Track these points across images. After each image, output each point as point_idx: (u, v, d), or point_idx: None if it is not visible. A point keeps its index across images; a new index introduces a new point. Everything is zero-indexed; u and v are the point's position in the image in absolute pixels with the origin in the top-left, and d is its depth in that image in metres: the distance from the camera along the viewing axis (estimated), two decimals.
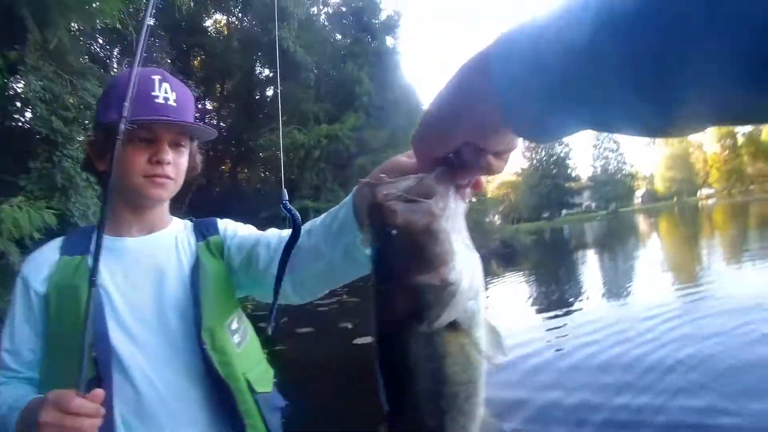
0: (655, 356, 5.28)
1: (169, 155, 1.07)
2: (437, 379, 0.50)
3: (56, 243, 1.16)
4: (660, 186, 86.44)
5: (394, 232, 0.50)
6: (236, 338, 1.13)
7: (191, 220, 1.26)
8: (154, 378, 1.04)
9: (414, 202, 0.51)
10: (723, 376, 4.54)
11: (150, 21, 1.11)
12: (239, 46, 20.38)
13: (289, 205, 1.01)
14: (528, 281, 15.12)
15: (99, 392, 0.90)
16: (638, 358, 5.33)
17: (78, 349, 0.92)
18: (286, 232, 1.07)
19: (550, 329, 7.47)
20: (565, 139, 75.27)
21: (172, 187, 1.12)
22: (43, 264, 1.11)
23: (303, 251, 1.00)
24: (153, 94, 1.05)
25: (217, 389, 1.07)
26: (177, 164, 1.11)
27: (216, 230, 1.22)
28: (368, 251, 0.57)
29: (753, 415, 3.71)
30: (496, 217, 60.22)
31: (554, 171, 71.26)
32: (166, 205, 1.22)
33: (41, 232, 5.30)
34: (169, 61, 13.72)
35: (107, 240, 1.02)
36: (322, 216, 1.02)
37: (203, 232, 1.21)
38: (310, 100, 18.84)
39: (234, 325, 1.15)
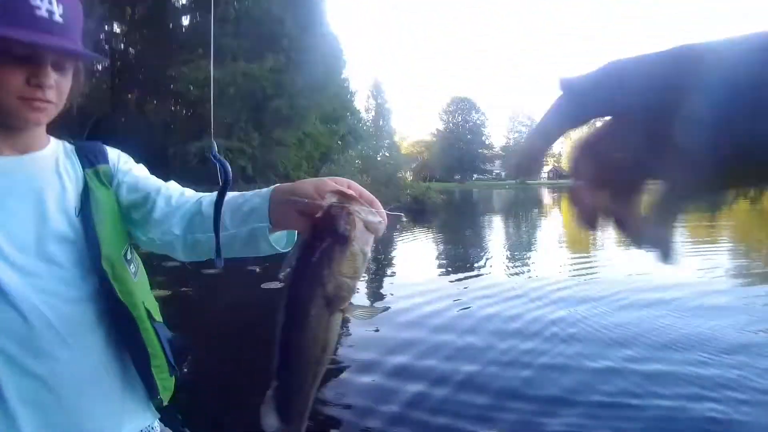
0: (540, 313, 5.99)
1: (51, 78, 0.92)
2: (322, 345, 0.69)
3: None
4: (566, 165, 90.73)
5: (347, 237, 0.66)
6: (132, 268, 1.06)
7: (71, 142, 1.10)
8: (43, 308, 0.94)
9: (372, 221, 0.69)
10: (594, 331, 5.40)
11: None
12: None
13: (219, 156, 0.96)
14: (435, 239, 15.43)
15: None
16: (528, 314, 5.97)
17: None
18: (189, 193, 1.08)
19: (455, 287, 7.64)
20: (482, 107, 77.77)
21: (53, 111, 0.98)
22: None
23: (206, 217, 0.98)
24: (34, 4, 0.88)
25: (119, 319, 1.02)
26: (59, 87, 0.96)
27: (105, 159, 1.10)
28: (277, 241, 0.83)
29: (612, 360, 4.53)
30: (408, 173, 61.50)
31: (469, 137, 73.53)
32: (44, 125, 1.06)
33: None
34: None
35: None
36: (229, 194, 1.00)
37: (90, 158, 1.08)
38: (229, 35, 17.92)
39: (128, 255, 1.07)
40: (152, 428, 1.13)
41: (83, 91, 1.08)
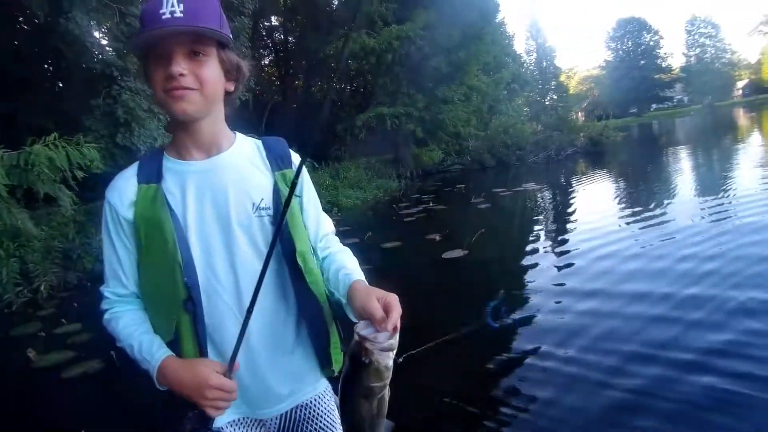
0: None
1: (178, 66, 1.01)
2: (371, 417, 0.97)
3: (132, 170, 1.15)
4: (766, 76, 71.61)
5: (367, 364, 0.92)
6: (316, 259, 1.22)
7: (260, 138, 1.24)
8: (242, 299, 1.10)
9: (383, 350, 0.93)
10: None
11: None
12: None
13: None
14: (617, 181, 14.20)
15: (236, 365, 1.05)
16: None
17: (170, 275, 1.07)
18: (332, 244, 1.29)
19: (638, 230, 7.22)
20: (654, 24, 66.31)
21: (196, 98, 1.05)
22: (125, 191, 1.12)
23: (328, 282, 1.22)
24: (160, 11, 0.99)
25: (309, 309, 1.17)
26: (197, 74, 1.03)
27: (290, 163, 1.20)
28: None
29: None
30: (580, 113, 55.93)
31: (642, 62, 63.69)
32: (221, 122, 1.17)
33: (86, 170, 4.58)
34: None
35: (172, 163, 1.13)
36: (341, 264, 1.19)
37: (278, 161, 1.19)
38: (375, 0, 16.93)
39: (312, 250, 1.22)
40: (324, 393, 1.32)
41: (244, 82, 1.16)
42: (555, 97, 42.96)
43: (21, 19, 10.78)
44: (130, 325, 1.14)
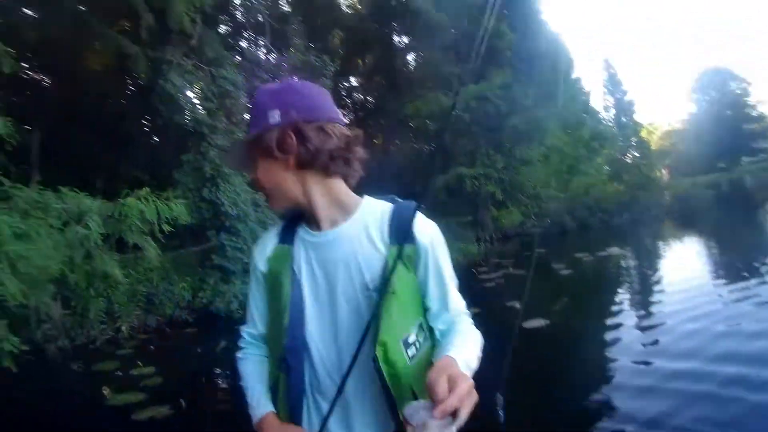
0: None
1: (252, 177, 1.19)
2: None
3: (276, 230, 1.24)
4: None
5: None
6: (410, 351, 1.10)
7: (394, 203, 1.19)
8: (338, 359, 1.13)
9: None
10: None
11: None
12: (373, 16, 19.15)
13: None
14: (708, 245, 13.30)
15: None
16: None
17: (277, 330, 1.16)
18: (465, 327, 1.20)
19: (731, 302, 6.59)
20: (741, 73, 62.49)
21: (273, 194, 1.17)
22: (265, 247, 1.22)
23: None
24: None
25: (383, 397, 1.08)
26: (259, 179, 1.16)
27: (413, 239, 1.13)
28: None
29: None
30: (664, 171, 53.19)
31: (729, 112, 59.32)
32: (326, 195, 1.16)
33: (172, 224, 4.71)
34: (311, 45, 12.95)
35: (302, 230, 1.20)
36: (447, 340, 1.14)
37: (399, 234, 1.11)
38: (452, 61, 17.12)
39: (411, 338, 1.11)
40: None
41: (288, 152, 1.12)
42: (637, 154, 41.19)
43: (129, 82, 11.61)
44: (251, 372, 1.24)
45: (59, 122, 11.86)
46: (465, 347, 1.08)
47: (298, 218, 1.21)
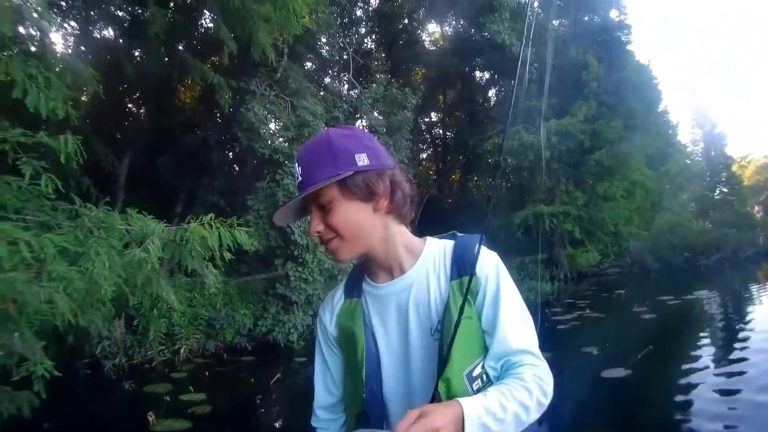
0: None
1: (311, 225, 1.09)
2: None
3: (341, 288, 1.23)
4: None
5: None
6: (476, 385, 1.05)
7: (454, 239, 1.18)
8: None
9: None
10: None
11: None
12: (455, 52, 18.90)
13: None
14: None
15: None
16: None
17: (353, 385, 1.13)
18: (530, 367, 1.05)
19: None
20: None
21: (338, 244, 1.08)
22: (334, 307, 1.20)
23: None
24: (295, 174, 1.11)
25: None
26: (329, 224, 1.07)
27: (471, 268, 1.08)
28: None
29: None
30: (757, 208, 49.01)
31: None
32: (397, 242, 1.14)
33: (233, 252, 4.56)
34: (393, 80, 12.84)
35: (366, 284, 1.18)
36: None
37: (459, 267, 1.11)
38: (534, 95, 16.52)
39: (476, 372, 1.06)
40: None
41: (378, 194, 1.09)
42: (725, 190, 38.13)
43: (216, 112, 11.88)
44: None
45: (148, 150, 12.34)
46: (501, 396, 0.97)
47: (360, 270, 1.21)
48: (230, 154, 13.68)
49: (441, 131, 22.49)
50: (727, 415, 4.73)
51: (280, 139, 9.49)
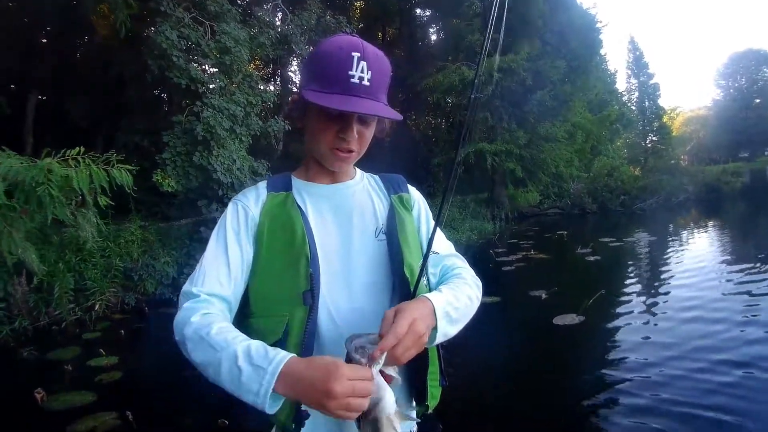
0: None
1: (354, 133, 1.06)
2: None
3: (262, 184, 1.19)
4: None
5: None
6: (424, 280, 1.10)
7: (375, 175, 1.30)
8: (350, 298, 1.08)
9: None
10: None
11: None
12: None
13: None
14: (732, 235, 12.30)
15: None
16: None
17: (293, 266, 1.04)
18: (459, 269, 1.18)
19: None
20: None
21: (353, 158, 1.13)
22: (257, 196, 1.15)
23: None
24: (350, 73, 1.00)
25: None
26: (362, 136, 1.09)
27: (406, 188, 1.26)
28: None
29: None
30: (683, 157, 50.35)
31: (758, 100, 54.26)
32: None
33: (116, 193, 3.58)
34: (330, 16, 11.57)
35: (301, 183, 1.18)
36: (446, 281, 1.13)
37: (394, 186, 1.25)
38: (476, 30, 15.56)
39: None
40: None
41: (387, 132, 1.21)
42: (655, 139, 38.91)
43: (130, 42, 10.41)
44: (230, 329, 0.95)
45: (59, 89, 10.89)
46: (453, 291, 1.07)
47: (284, 175, 1.22)
48: (155, 90, 12.20)
49: None
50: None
51: (198, 68, 8.23)
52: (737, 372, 3.94)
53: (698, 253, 9.59)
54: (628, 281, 7.67)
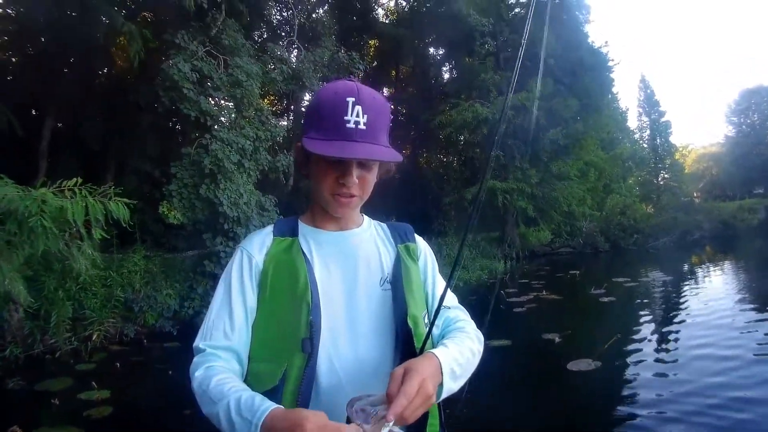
0: None
1: (353, 178, 1.06)
2: None
3: (268, 228, 1.19)
4: None
5: None
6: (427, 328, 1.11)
7: (383, 223, 1.30)
8: (352, 347, 1.07)
9: None
10: None
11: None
12: (408, 25, 17.88)
13: None
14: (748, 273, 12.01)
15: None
16: None
17: (294, 313, 1.04)
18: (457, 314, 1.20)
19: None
20: None
21: (357, 203, 1.13)
22: (262, 242, 1.15)
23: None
24: (345, 118, 1.01)
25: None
26: (364, 180, 1.10)
27: (413, 238, 1.26)
28: None
29: None
30: (697, 194, 49.64)
31: None
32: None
33: (115, 227, 3.46)
34: (343, 53, 11.63)
35: (307, 228, 1.17)
36: (449, 336, 1.11)
37: (401, 235, 1.25)
38: (490, 69, 15.60)
39: (426, 320, 1.15)
40: None
41: (394, 171, 1.21)
42: (668, 176, 38.56)
43: (147, 71, 10.51)
44: (226, 381, 0.96)
45: (74, 113, 10.94)
46: (458, 347, 1.06)
47: (291, 220, 1.22)
48: (168, 121, 12.25)
49: (393, 106, 21.58)
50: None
51: (209, 100, 8.24)
52: None
53: (715, 293, 9.30)
54: (644, 323, 7.38)
